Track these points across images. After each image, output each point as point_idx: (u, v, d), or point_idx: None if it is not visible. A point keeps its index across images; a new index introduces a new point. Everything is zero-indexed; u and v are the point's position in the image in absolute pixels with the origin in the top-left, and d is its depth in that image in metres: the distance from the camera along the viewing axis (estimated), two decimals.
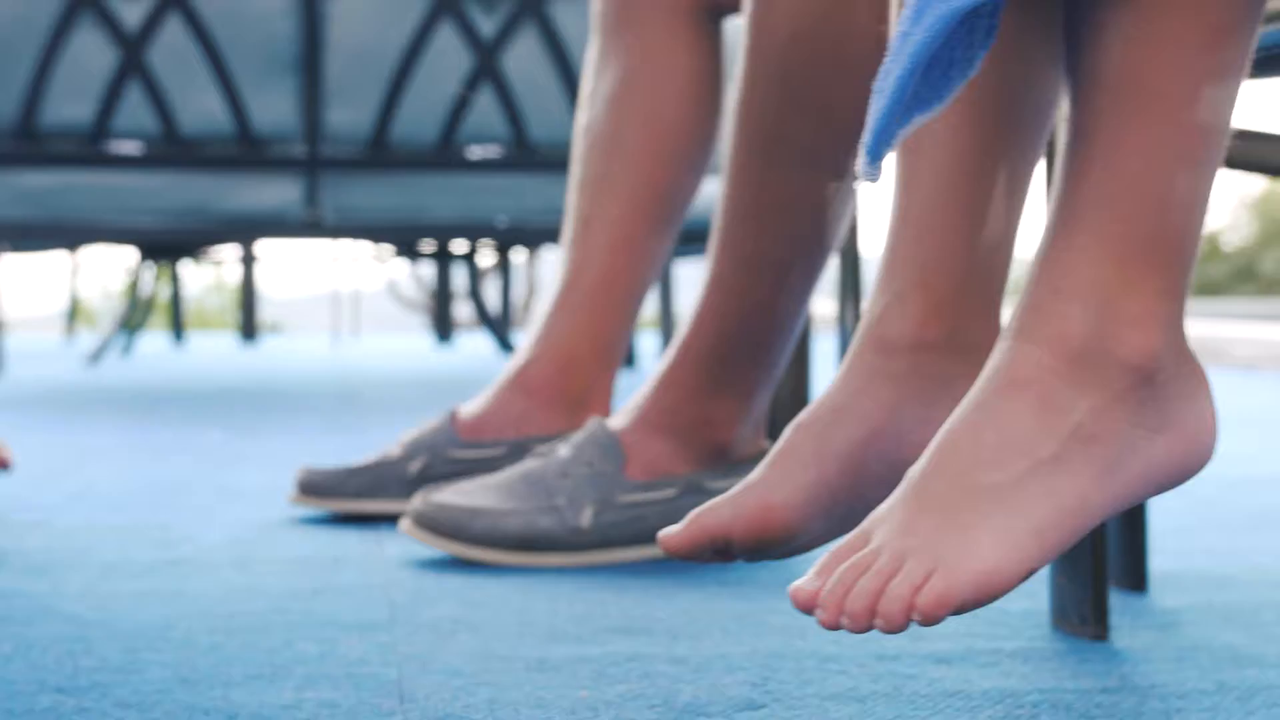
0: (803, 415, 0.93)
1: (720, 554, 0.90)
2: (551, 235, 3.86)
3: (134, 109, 3.58)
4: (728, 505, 0.89)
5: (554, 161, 3.68)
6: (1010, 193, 0.93)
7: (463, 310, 7.11)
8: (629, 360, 4.48)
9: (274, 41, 3.67)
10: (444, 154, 3.67)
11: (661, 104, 1.65)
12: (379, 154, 3.66)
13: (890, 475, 0.93)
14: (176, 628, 1.15)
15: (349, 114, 3.66)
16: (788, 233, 1.39)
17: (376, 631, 1.14)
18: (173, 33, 3.56)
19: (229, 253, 5.75)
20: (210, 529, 1.59)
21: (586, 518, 1.40)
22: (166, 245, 5.15)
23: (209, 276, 12.38)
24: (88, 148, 3.58)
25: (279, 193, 3.65)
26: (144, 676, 1.01)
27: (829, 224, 1.40)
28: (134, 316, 5.14)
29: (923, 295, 0.95)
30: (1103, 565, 1.11)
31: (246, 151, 3.63)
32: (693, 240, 3.39)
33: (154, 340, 6.65)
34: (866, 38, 1.28)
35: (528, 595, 1.28)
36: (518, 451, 1.63)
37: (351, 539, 1.55)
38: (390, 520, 1.64)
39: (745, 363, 1.43)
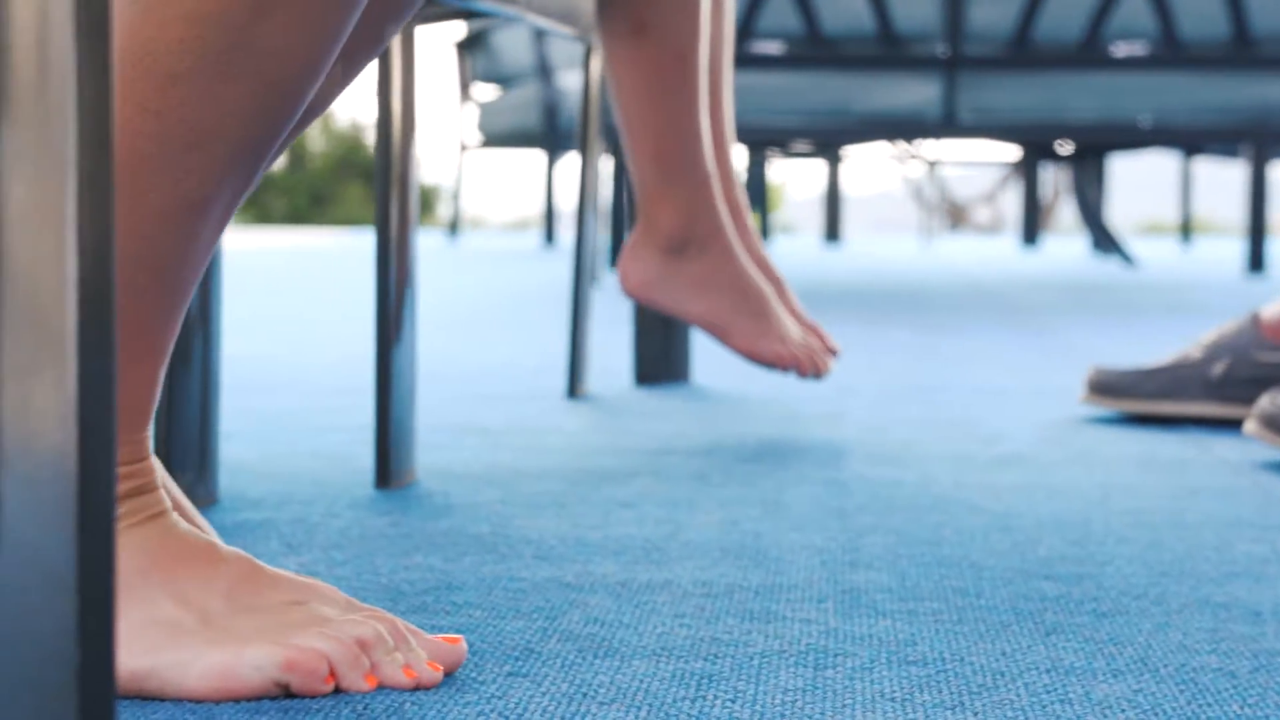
0: None
1: None
2: (1202, 136, 3.74)
3: (779, 9, 3.62)
4: None
5: (1205, 59, 3.56)
6: None
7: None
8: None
9: None
10: (1088, 52, 3.60)
11: None
12: (1020, 52, 3.61)
13: None
14: (1093, 522, 1.14)
15: (992, 11, 3.62)
16: None
17: None
18: None
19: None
20: (1012, 426, 1.59)
21: None
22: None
23: None
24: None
25: (917, 92, 3.64)
26: (1132, 569, 1.00)
27: None
28: None
29: None
30: None
31: (887, 50, 3.63)
32: None
33: None
34: None
35: None
36: None
37: (1167, 440, 1.52)
38: (1190, 422, 1.61)
39: None
